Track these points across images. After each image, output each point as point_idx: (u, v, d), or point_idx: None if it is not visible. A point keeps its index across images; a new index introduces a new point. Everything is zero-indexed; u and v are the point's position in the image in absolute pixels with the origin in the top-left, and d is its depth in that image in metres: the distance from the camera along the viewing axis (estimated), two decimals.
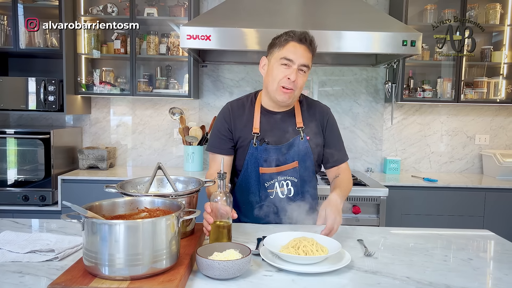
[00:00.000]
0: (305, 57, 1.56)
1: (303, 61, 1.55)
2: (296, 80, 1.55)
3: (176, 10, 3.17)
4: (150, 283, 0.98)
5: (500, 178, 3.20)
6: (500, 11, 3.17)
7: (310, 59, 1.58)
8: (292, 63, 1.54)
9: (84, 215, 1.00)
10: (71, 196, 2.85)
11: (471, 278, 1.16)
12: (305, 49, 1.56)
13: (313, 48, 1.59)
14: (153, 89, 3.25)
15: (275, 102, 1.64)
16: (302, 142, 1.65)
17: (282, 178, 1.64)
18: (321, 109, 1.74)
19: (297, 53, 1.54)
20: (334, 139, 1.72)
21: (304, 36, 1.56)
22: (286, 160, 1.63)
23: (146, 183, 1.42)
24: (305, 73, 1.58)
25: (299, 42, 1.55)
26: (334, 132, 1.73)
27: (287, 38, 1.56)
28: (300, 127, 1.66)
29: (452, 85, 3.20)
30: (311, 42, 1.57)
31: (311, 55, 1.59)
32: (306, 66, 1.57)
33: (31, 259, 1.20)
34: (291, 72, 1.54)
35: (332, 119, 1.75)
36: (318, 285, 1.09)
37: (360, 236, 1.51)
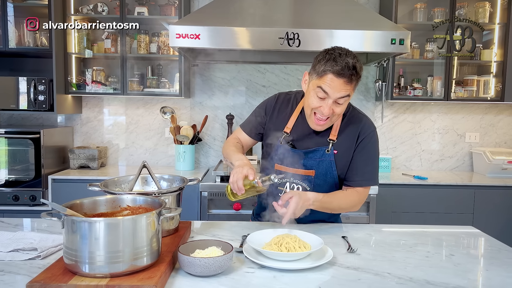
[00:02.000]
0: (344, 90, 1.42)
1: (341, 94, 1.42)
2: (331, 112, 1.46)
3: (167, 9, 3.17)
4: (129, 280, 0.98)
5: (490, 176, 3.22)
6: (489, 9, 3.19)
7: (350, 90, 1.44)
8: (328, 96, 1.43)
9: (63, 213, 1.00)
10: (62, 196, 2.84)
11: (451, 274, 1.17)
12: (345, 81, 1.40)
13: (357, 78, 1.43)
14: (144, 88, 3.24)
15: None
16: (327, 154, 1.55)
17: (295, 181, 1.59)
18: (362, 127, 1.58)
19: (334, 87, 1.41)
20: (361, 161, 1.57)
21: (343, 69, 1.39)
22: (303, 165, 1.57)
23: (131, 181, 1.42)
24: (343, 103, 1.46)
25: (338, 76, 1.40)
26: (364, 153, 1.57)
27: (325, 69, 1.41)
28: (332, 139, 1.55)
29: (442, 84, 3.21)
30: (351, 75, 1.40)
31: (352, 85, 1.44)
32: (346, 96, 1.44)
33: (14, 257, 1.20)
34: (326, 105, 1.44)
35: (369, 140, 1.58)
36: (299, 281, 1.10)
37: (345, 233, 1.52)
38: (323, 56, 1.44)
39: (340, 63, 1.39)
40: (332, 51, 1.43)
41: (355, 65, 1.40)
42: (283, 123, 1.62)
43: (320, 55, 1.46)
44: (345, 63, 1.39)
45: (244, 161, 1.47)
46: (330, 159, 1.55)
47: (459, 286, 1.08)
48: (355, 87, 1.47)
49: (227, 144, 1.68)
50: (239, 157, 1.51)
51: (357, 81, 1.46)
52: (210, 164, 3.48)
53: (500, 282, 1.12)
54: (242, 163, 1.45)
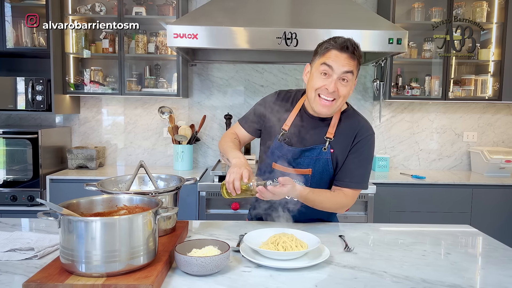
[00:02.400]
0: (348, 64, 1.43)
1: (345, 68, 1.43)
2: (336, 90, 1.45)
3: (165, 9, 3.17)
4: (126, 280, 0.98)
5: (487, 175, 3.23)
6: (486, 9, 3.20)
7: (354, 66, 1.45)
8: (332, 71, 1.43)
9: (60, 213, 1.00)
10: (60, 196, 2.84)
11: (447, 272, 1.17)
12: (348, 56, 1.43)
13: (358, 55, 1.45)
14: (142, 88, 3.25)
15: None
16: (323, 152, 1.54)
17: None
18: (360, 128, 1.57)
19: (338, 61, 1.42)
20: (353, 163, 1.55)
21: (346, 43, 1.42)
22: (300, 164, 1.57)
23: (128, 181, 1.42)
24: (348, 81, 1.46)
25: (341, 50, 1.42)
26: (358, 156, 1.55)
27: (328, 46, 1.45)
28: (329, 137, 1.54)
29: (440, 83, 3.22)
30: (354, 50, 1.43)
31: (355, 61, 1.45)
32: (349, 72, 1.44)
33: (11, 257, 1.20)
34: (330, 82, 1.44)
35: (365, 143, 1.56)
36: (296, 280, 1.10)
37: (342, 232, 1.52)
38: (323, 41, 1.50)
39: (341, 40, 1.45)
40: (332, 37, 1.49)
41: (356, 43, 1.46)
42: (281, 121, 1.62)
43: (320, 42, 1.51)
44: (346, 39, 1.45)
45: (241, 160, 1.47)
46: (326, 157, 1.54)
47: (454, 284, 1.08)
48: (357, 68, 1.49)
49: (225, 139, 1.67)
50: (236, 155, 1.51)
51: (359, 62, 1.48)
52: (208, 164, 3.49)
53: (496, 280, 1.13)
54: (240, 162, 1.45)
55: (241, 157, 1.49)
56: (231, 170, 1.41)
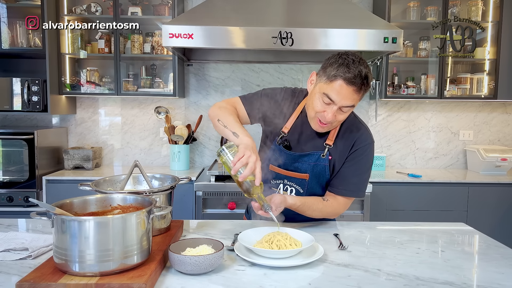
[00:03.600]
0: (351, 99, 1.37)
1: (347, 103, 1.37)
2: (333, 118, 1.41)
3: (160, 9, 3.17)
4: (119, 279, 0.98)
5: (483, 173, 3.24)
6: (482, 7, 3.21)
7: (357, 99, 1.39)
8: (334, 103, 1.38)
9: (53, 212, 1.00)
10: (56, 197, 2.84)
11: (440, 269, 1.17)
12: (354, 90, 1.35)
13: (366, 88, 1.38)
14: (139, 89, 3.24)
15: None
16: (322, 159, 1.51)
17: (288, 183, 1.58)
18: (359, 136, 1.54)
19: (342, 95, 1.35)
20: (350, 171, 1.53)
21: (355, 77, 1.33)
22: (297, 168, 1.55)
23: (122, 181, 1.42)
24: (347, 112, 1.42)
25: (348, 84, 1.34)
26: (354, 164, 1.53)
27: (337, 73, 1.34)
28: (328, 144, 1.51)
29: (435, 82, 3.23)
30: (362, 84, 1.35)
31: (360, 95, 1.39)
32: (351, 106, 1.40)
33: (5, 257, 1.19)
34: (330, 111, 1.39)
35: (362, 152, 1.53)
36: (289, 278, 1.10)
37: (337, 231, 1.52)
38: (335, 60, 1.37)
39: (353, 71, 1.33)
40: (345, 56, 1.36)
41: (367, 75, 1.36)
42: (281, 121, 1.58)
43: (332, 58, 1.39)
44: (358, 71, 1.33)
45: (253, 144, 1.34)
46: (324, 164, 1.52)
47: (447, 282, 1.09)
48: (362, 97, 1.42)
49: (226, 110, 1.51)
50: (246, 133, 1.38)
51: (365, 92, 1.40)
52: (205, 163, 3.49)
53: (488, 277, 1.13)
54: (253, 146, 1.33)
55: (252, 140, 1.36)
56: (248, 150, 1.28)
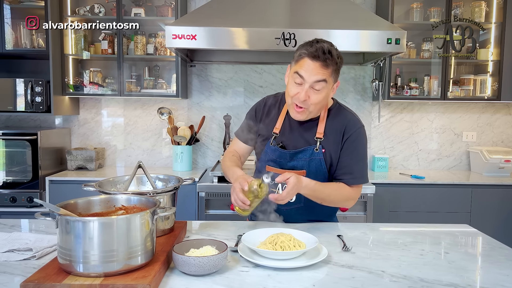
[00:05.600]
0: (320, 74, 1.42)
1: (316, 77, 1.42)
2: (308, 99, 1.44)
3: (163, 10, 3.17)
4: (123, 279, 0.99)
5: (486, 175, 3.22)
6: (485, 9, 3.20)
7: (326, 74, 1.43)
8: (304, 80, 1.43)
9: (57, 213, 1.00)
10: (59, 197, 2.84)
11: (445, 271, 1.17)
12: (319, 65, 1.41)
13: (333, 62, 1.43)
14: (141, 89, 3.25)
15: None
16: (316, 153, 1.54)
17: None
18: (347, 123, 1.56)
19: (309, 70, 1.42)
20: (349, 159, 1.55)
21: (318, 51, 1.40)
22: (294, 166, 1.57)
23: (126, 181, 1.42)
24: (320, 90, 1.44)
25: (312, 58, 1.41)
26: (352, 151, 1.55)
27: (301, 53, 1.44)
28: (319, 137, 1.54)
29: (439, 83, 3.22)
30: (326, 58, 1.40)
31: (329, 69, 1.43)
32: (321, 81, 1.43)
33: (9, 258, 1.20)
34: (302, 90, 1.44)
35: (355, 137, 1.55)
36: (293, 279, 1.10)
37: (340, 232, 1.52)
38: (301, 45, 1.48)
39: (315, 46, 1.42)
40: (310, 40, 1.47)
41: (330, 50, 1.42)
42: (272, 125, 1.64)
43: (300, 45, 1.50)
44: (320, 46, 1.42)
45: (237, 174, 1.50)
46: (319, 158, 1.55)
47: (452, 283, 1.08)
48: (334, 75, 1.46)
49: (223, 161, 1.71)
50: (233, 172, 1.55)
51: (335, 68, 1.45)
52: (207, 164, 3.49)
53: (493, 278, 1.13)
54: (236, 176, 1.48)
55: (237, 172, 1.53)
56: (231, 189, 1.45)
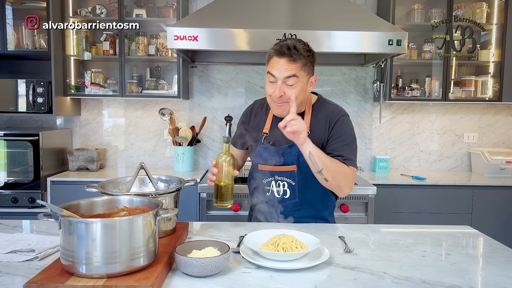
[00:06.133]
0: (288, 69, 1.49)
1: (285, 73, 1.49)
2: (284, 95, 1.51)
3: (165, 11, 3.18)
4: (126, 281, 0.99)
5: (488, 176, 3.22)
6: (486, 10, 3.21)
7: (296, 69, 1.49)
8: (276, 78, 1.51)
9: (60, 214, 1.01)
10: (61, 198, 2.85)
11: (447, 272, 1.17)
12: (286, 61, 1.49)
13: (300, 55, 1.49)
14: (143, 90, 3.25)
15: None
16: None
17: (279, 178, 1.65)
18: (331, 113, 1.64)
19: (278, 67, 1.50)
20: (336, 143, 1.60)
21: (282, 48, 1.49)
22: (284, 162, 1.62)
23: (128, 182, 1.42)
24: (293, 85, 1.51)
25: (279, 56, 1.50)
26: (338, 136, 1.61)
27: (270, 52, 1.53)
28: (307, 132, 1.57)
29: (440, 84, 3.22)
30: (291, 53, 1.48)
31: (298, 63, 1.49)
32: (291, 76, 1.50)
33: (12, 259, 1.20)
34: (275, 88, 1.51)
35: (340, 123, 1.62)
36: (295, 280, 1.10)
37: (342, 233, 1.52)
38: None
39: (279, 44, 1.51)
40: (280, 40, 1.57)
41: (295, 45, 1.49)
42: (261, 127, 1.71)
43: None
44: (285, 43, 1.50)
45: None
46: None
47: (454, 285, 1.08)
48: (305, 68, 1.52)
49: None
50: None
51: (304, 62, 1.51)
52: (208, 165, 3.49)
53: (495, 280, 1.13)
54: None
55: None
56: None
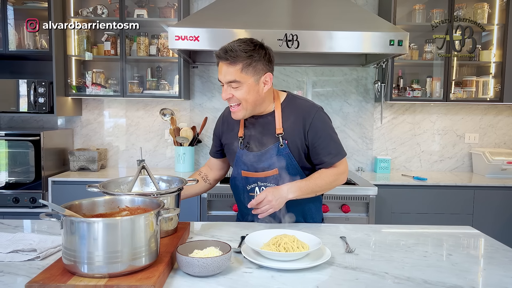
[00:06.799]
0: (228, 73, 1.48)
1: (227, 78, 1.49)
2: (232, 97, 1.51)
3: (166, 11, 3.18)
4: (128, 280, 0.99)
5: (489, 176, 3.22)
6: (487, 10, 3.20)
7: (234, 73, 1.47)
8: (222, 83, 1.53)
9: (62, 214, 1.01)
10: (62, 198, 2.85)
11: (449, 273, 1.17)
12: (225, 64, 1.48)
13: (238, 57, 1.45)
14: (144, 90, 3.26)
15: None
16: (282, 149, 1.57)
17: (263, 184, 1.62)
18: (304, 112, 1.59)
19: (220, 72, 1.51)
20: (322, 142, 1.58)
21: (220, 51, 1.48)
22: (265, 167, 1.60)
23: (130, 182, 1.42)
24: (238, 87, 1.49)
25: (219, 60, 1.50)
26: (320, 135, 1.58)
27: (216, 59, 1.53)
28: (280, 133, 1.57)
29: (441, 84, 3.22)
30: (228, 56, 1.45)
31: (237, 66, 1.46)
32: (231, 82, 1.49)
33: (13, 258, 1.20)
34: (223, 91, 1.53)
35: (317, 121, 1.58)
36: (297, 280, 1.10)
37: (343, 234, 1.52)
38: None
39: (221, 48, 1.48)
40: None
41: (232, 47, 1.46)
42: (235, 132, 1.68)
43: None
44: (223, 47, 1.48)
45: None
46: (286, 152, 1.58)
47: (455, 285, 1.08)
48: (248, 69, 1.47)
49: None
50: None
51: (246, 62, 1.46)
52: None
53: (497, 281, 1.13)
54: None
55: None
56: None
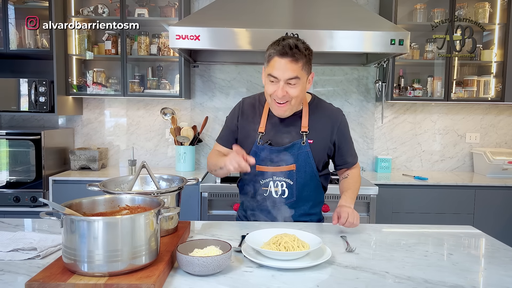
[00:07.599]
0: (290, 70, 1.48)
1: (288, 75, 1.49)
2: (286, 94, 1.51)
3: (167, 10, 3.18)
4: (128, 279, 0.99)
5: (490, 176, 3.22)
6: (489, 10, 3.20)
7: (297, 70, 1.49)
8: (277, 79, 1.51)
9: (62, 212, 1.01)
10: (63, 197, 2.85)
11: (449, 272, 1.17)
12: (289, 61, 1.47)
13: (302, 55, 1.48)
14: (145, 90, 3.25)
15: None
16: (303, 146, 1.61)
17: (277, 178, 1.64)
18: (332, 113, 1.69)
19: (281, 69, 1.48)
20: (346, 144, 1.72)
21: (284, 48, 1.47)
22: (283, 162, 1.62)
23: (130, 181, 1.42)
24: (296, 84, 1.51)
25: (281, 56, 1.48)
26: (345, 136, 1.71)
27: (271, 53, 1.51)
28: (304, 131, 1.62)
29: (442, 84, 3.22)
30: (294, 53, 1.47)
31: (299, 64, 1.49)
32: (293, 78, 1.49)
33: (13, 257, 1.20)
34: (278, 88, 1.51)
35: (344, 123, 1.70)
36: (297, 280, 1.10)
37: (344, 233, 1.52)
38: (270, 45, 1.54)
39: (282, 44, 1.48)
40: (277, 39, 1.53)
41: (297, 44, 1.48)
42: (254, 126, 1.68)
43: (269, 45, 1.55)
44: (287, 43, 1.47)
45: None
46: (306, 150, 1.62)
47: (456, 285, 1.08)
48: (305, 67, 1.52)
49: (210, 158, 1.74)
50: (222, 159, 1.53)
51: (305, 61, 1.50)
52: None
53: (498, 280, 1.12)
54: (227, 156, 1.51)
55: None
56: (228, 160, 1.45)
